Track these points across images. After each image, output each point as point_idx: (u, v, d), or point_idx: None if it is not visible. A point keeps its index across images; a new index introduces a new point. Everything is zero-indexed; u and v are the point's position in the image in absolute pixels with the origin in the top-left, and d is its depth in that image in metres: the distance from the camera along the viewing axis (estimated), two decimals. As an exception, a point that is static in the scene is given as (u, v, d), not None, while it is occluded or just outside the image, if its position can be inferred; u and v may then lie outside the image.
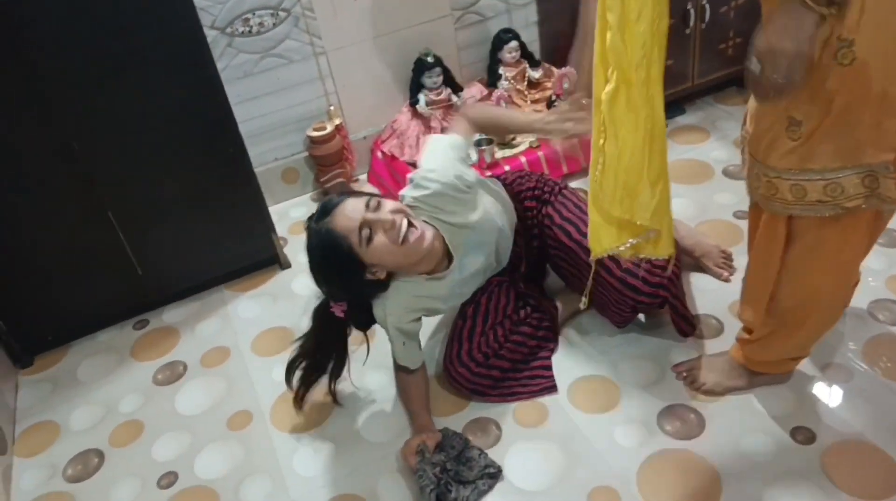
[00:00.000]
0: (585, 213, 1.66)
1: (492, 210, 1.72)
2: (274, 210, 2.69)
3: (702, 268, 2.02)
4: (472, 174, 1.64)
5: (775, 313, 1.46)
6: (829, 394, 1.62)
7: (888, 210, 1.24)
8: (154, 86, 1.93)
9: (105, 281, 2.13)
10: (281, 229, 2.57)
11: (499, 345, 1.73)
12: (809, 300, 1.41)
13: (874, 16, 1.04)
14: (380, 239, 1.46)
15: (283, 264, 2.36)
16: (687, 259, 2.02)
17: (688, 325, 1.77)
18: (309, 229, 1.52)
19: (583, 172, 2.57)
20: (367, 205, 1.47)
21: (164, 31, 1.87)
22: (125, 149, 1.97)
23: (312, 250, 1.52)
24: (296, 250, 2.46)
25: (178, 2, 1.85)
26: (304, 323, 2.07)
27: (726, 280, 1.96)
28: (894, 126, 1.13)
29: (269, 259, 2.35)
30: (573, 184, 2.46)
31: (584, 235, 1.56)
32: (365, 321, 1.71)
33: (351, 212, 1.47)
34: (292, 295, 2.25)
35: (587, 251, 1.61)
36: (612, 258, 1.49)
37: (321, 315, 1.69)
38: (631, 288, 1.64)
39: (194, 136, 2.04)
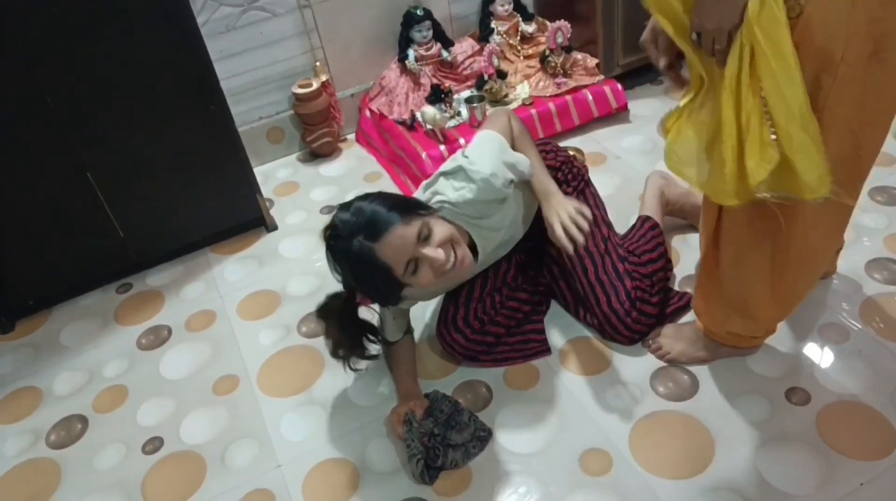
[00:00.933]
0: (600, 225, 1.72)
1: (520, 209, 1.65)
2: (260, 170, 2.63)
3: (694, 227, 1.98)
4: (510, 176, 1.51)
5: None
6: (824, 355, 1.59)
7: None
8: (131, 40, 1.84)
9: (86, 244, 2.07)
10: (266, 190, 2.51)
11: (495, 312, 1.69)
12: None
13: None
14: (425, 271, 1.36)
15: (270, 226, 2.31)
16: (679, 220, 1.99)
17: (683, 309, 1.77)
18: (347, 241, 1.33)
19: (576, 130, 2.51)
20: (419, 237, 1.34)
21: (139, -18, 1.78)
22: (102, 105, 1.89)
23: (351, 263, 1.36)
24: (282, 212, 2.40)
25: (153, -49, 1.77)
26: (290, 288, 2.05)
27: None
28: (829, 85, 1.08)
29: (255, 220, 2.29)
30: (565, 143, 2.42)
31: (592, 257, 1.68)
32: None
33: (401, 246, 1.32)
34: (279, 257, 2.20)
35: (584, 271, 1.68)
36: (603, 291, 1.65)
37: (335, 313, 1.55)
38: (612, 327, 1.67)
39: (174, 93, 1.96)
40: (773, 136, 1.10)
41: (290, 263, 2.17)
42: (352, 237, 1.31)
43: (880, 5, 1.02)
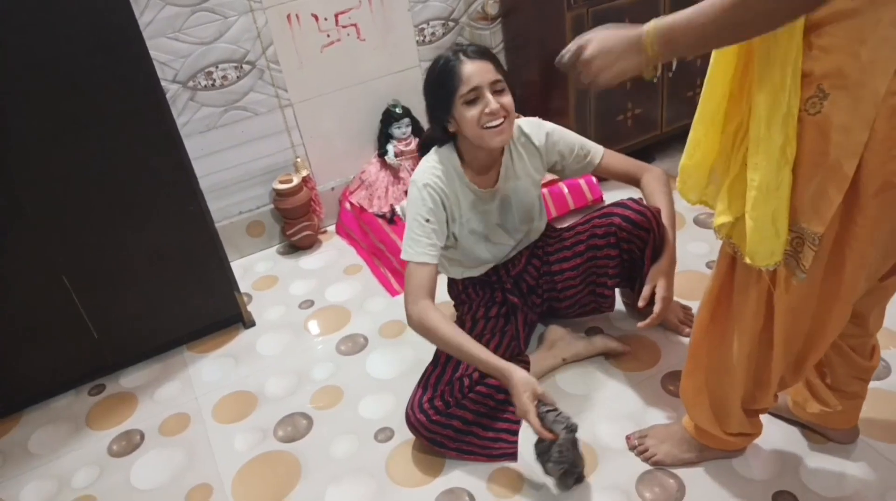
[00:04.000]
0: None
1: (534, 203, 1.85)
2: (239, 264, 2.63)
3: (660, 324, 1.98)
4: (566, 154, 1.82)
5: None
6: (811, 457, 1.56)
7: (796, 280, 1.18)
8: (110, 143, 1.86)
9: (58, 347, 2.03)
10: (245, 285, 2.50)
11: (462, 395, 1.66)
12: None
13: (856, 85, 1.00)
14: (477, 109, 1.57)
15: (248, 323, 2.28)
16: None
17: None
18: (449, 52, 1.60)
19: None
20: (493, 84, 1.57)
21: (120, 87, 1.81)
22: (80, 208, 1.90)
23: (438, 62, 1.62)
24: (261, 307, 2.38)
25: (136, 58, 1.80)
26: (267, 388, 2.01)
27: (687, 335, 1.93)
28: (836, 198, 1.07)
29: (233, 317, 2.27)
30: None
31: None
32: (431, 139, 1.77)
33: (478, 74, 1.56)
34: (256, 355, 2.17)
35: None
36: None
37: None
38: (620, 205, 1.81)
39: (152, 194, 1.97)
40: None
41: (268, 361, 2.13)
42: (456, 51, 1.59)
43: None
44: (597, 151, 1.84)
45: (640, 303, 1.67)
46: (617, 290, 1.98)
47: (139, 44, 1.81)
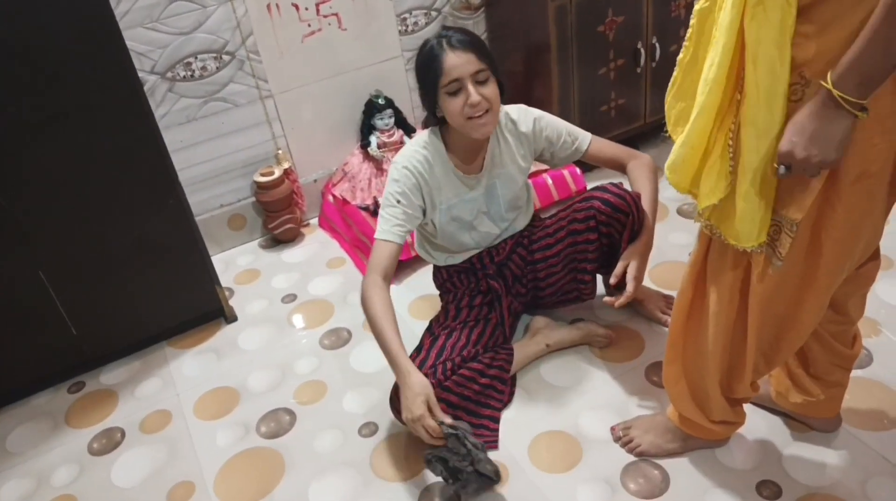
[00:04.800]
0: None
1: (521, 191, 1.86)
2: (220, 258, 2.60)
3: (641, 314, 2.00)
4: (552, 140, 1.81)
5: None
6: (794, 446, 1.57)
7: (773, 267, 1.18)
8: (87, 135, 1.83)
9: (36, 343, 2.00)
10: (227, 279, 2.47)
11: (445, 377, 1.65)
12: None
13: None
14: (459, 100, 1.57)
15: (229, 317, 2.26)
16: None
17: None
18: (434, 39, 1.59)
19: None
20: (476, 75, 1.56)
21: (96, 78, 1.78)
22: (57, 202, 1.86)
23: (423, 49, 1.61)
24: (243, 301, 2.36)
25: (112, 48, 1.77)
26: (249, 383, 1.99)
27: (665, 324, 1.93)
28: (816, 186, 1.07)
29: (214, 312, 2.24)
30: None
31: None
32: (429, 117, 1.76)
33: (461, 65, 1.55)
34: (238, 350, 2.14)
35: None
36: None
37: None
38: (600, 188, 1.80)
39: (131, 187, 1.94)
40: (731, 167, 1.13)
41: (250, 356, 2.11)
42: (440, 37, 1.57)
43: (880, 133, 1.02)
44: (584, 137, 1.83)
45: (612, 280, 1.67)
46: (600, 279, 1.97)
47: (115, 34, 1.77)
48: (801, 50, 1.01)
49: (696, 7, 1.11)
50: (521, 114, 1.78)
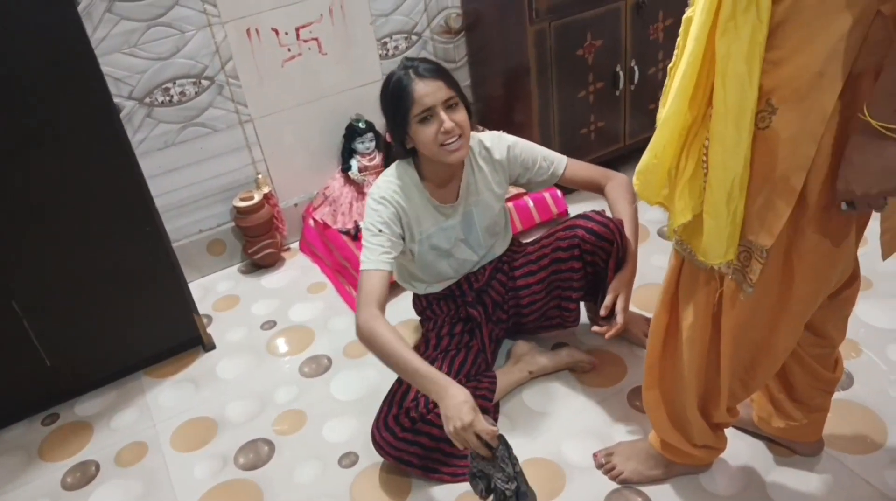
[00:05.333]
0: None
1: (499, 217, 1.85)
2: (199, 284, 2.57)
3: (625, 338, 1.99)
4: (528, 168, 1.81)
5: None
6: (776, 471, 1.56)
7: (744, 294, 1.18)
8: (61, 162, 1.80)
9: (9, 375, 1.96)
10: (205, 306, 2.44)
11: (427, 410, 1.63)
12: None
13: (805, 99, 1.01)
14: (431, 129, 1.56)
15: (208, 346, 2.22)
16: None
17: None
18: (401, 70, 1.58)
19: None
20: (447, 102, 1.56)
21: (71, 105, 1.76)
22: (31, 229, 1.83)
23: (390, 80, 1.60)
24: (222, 329, 2.32)
25: (87, 75, 1.75)
26: (228, 413, 1.95)
27: None
28: (785, 212, 1.07)
29: (192, 340, 2.21)
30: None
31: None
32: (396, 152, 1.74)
33: (430, 93, 1.54)
34: (216, 379, 2.11)
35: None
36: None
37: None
38: (583, 216, 1.81)
39: (107, 215, 1.91)
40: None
41: (229, 385, 2.08)
42: (406, 68, 1.56)
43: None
44: (560, 161, 1.82)
45: (602, 312, 1.67)
46: (582, 304, 1.96)
47: (90, 60, 1.76)
48: (768, 77, 1.02)
49: (685, 15, 1.11)
50: (495, 142, 1.78)
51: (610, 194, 1.81)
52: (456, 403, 1.40)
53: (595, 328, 1.67)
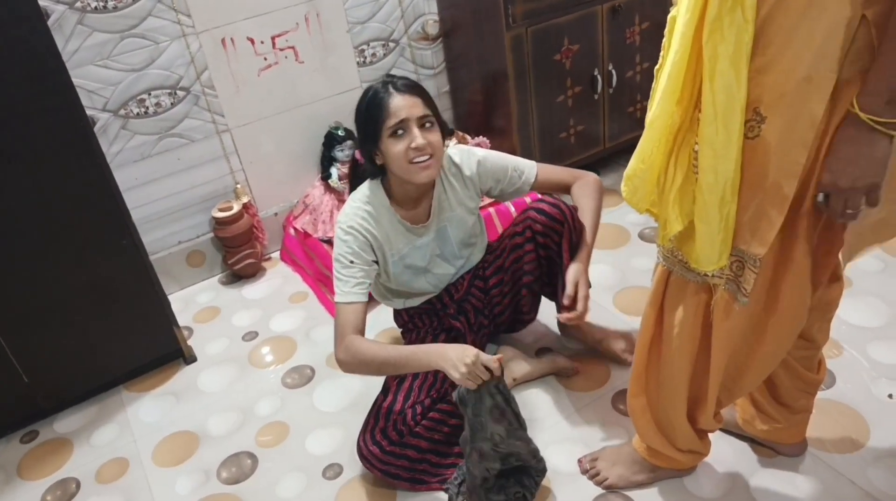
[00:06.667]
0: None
1: (473, 228, 1.83)
2: (179, 296, 2.55)
3: (602, 354, 1.95)
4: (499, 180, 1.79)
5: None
6: (761, 473, 1.56)
7: (739, 304, 1.18)
8: (33, 177, 1.78)
9: (-15, 393, 1.93)
10: (186, 318, 2.41)
11: (415, 423, 1.63)
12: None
13: (793, 104, 1.00)
14: (403, 143, 1.53)
15: (188, 358, 2.20)
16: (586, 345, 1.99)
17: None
18: (379, 83, 1.58)
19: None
20: (422, 120, 1.54)
21: (43, 118, 1.73)
22: (4, 246, 1.80)
23: (367, 93, 1.59)
24: (202, 341, 2.30)
25: (58, 87, 1.73)
26: (209, 426, 1.93)
27: (629, 364, 1.86)
28: (778, 220, 1.07)
29: (173, 353, 2.18)
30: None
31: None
32: (363, 172, 1.72)
33: (406, 108, 1.53)
34: (197, 392, 2.08)
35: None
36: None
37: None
38: (537, 200, 1.79)
39: (81, 229, 1.89)
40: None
41: (210, 398, 2.05)
42: (385, 83, 1.56)
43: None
44: (530, 170, 1.80)
45: (566, 302, 1.64)
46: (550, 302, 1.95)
47: (61, 73, 1.73)
48: (754, 85, 1.01)
49: (670, 15, 1.11)
50: (465, 158, 1.74)
51: (575, 192, 1.79)
52: (458, 350, 1.43)
53: (559, 315, 1.65)
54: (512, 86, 2.47)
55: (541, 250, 1.79)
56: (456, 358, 1.41)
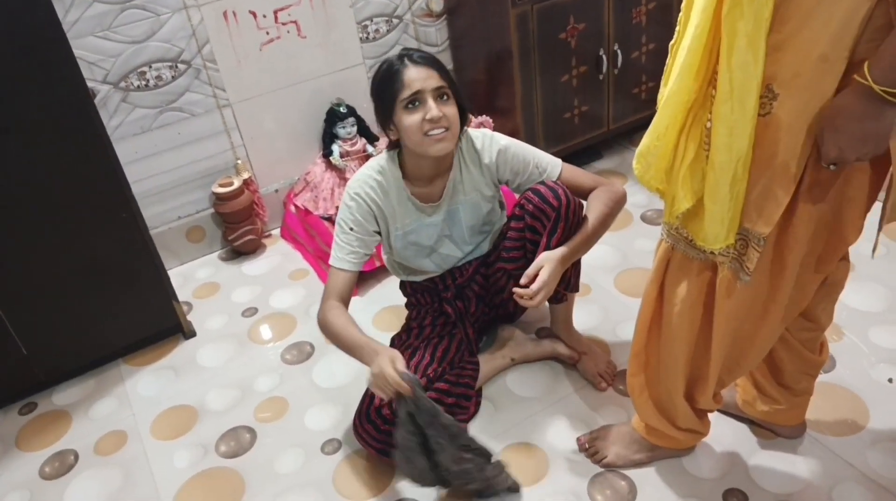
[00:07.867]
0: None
1: (488, 221, 1.79)
2: (179, 271, 2.54)
3: (580, 373, 1.87)
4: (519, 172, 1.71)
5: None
6: (760, 454, 1.57)
7: (741, 282, 1.17)
8: (34, 149, 1.76)
9: (-16, 365, 1.92)
10: (185, 293, 2.40)
11: None
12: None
13: (807, 84, 0.99)
14: (417, 115, 1.50)
15: (188, 333, 2.19)
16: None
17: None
18: (396, 55, 1.55)
19: None
20: (437, 92, 1.51)
21: (43, 90, 1.71)
22: (4, 218, 1.79)
23: (384, 68, 1.56)
24: (202, 316, 2.29)
25: (59, 59, 1.71)
26: (208, 401, 1.93)
27: (602, 389, 1.80)
28: (784, 200, 1.06)
29: (172, 328, 2.18)
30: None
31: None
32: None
33: (422, 79, 1.50)
34: (196, 367, 2.08)
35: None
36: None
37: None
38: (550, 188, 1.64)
39: (81, 202, 1.87)
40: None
41: (209, 373, 2.05)
42: (402, 56, 1.53)
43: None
44: (553, 168, 1.68)
45: (523, 280, 1.52)
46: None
47: (62, 44, 1.71)
48: (770, 62, 1.00)
49: None
50: (486, 144, 1.68)
51: (591, 195, 1.67)
52: (382, 359, 1.42)
53: (514, 288, 1.54)
54: (516, 64, 2.44)
55: (528, 232, 1.68)
56: (375, 365, 1.43)
